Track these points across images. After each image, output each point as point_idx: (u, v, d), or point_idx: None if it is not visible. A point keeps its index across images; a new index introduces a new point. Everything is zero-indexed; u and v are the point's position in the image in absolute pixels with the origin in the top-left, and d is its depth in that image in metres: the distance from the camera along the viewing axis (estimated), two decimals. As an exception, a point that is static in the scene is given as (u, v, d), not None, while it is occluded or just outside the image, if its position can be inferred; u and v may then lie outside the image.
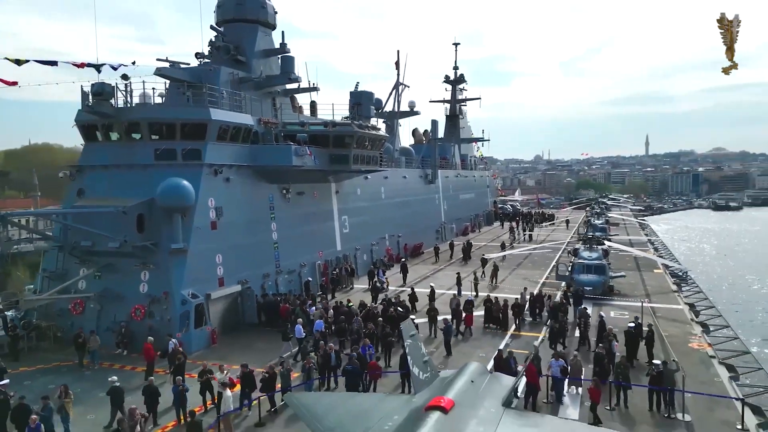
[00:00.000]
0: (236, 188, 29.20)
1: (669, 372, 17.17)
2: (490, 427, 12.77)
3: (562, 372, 17.91)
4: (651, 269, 40.68)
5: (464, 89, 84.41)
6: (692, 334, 24.82)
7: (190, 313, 24.46)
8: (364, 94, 40.68)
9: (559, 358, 18.37)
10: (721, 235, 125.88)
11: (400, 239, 48.56)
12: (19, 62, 25.08)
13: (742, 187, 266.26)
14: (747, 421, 15.92)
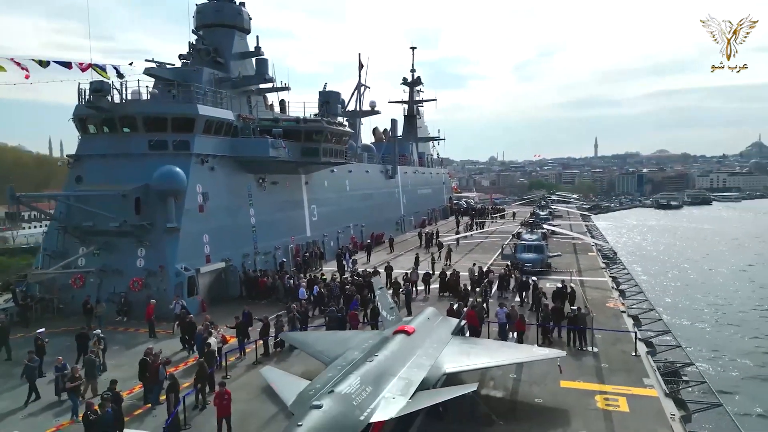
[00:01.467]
0: (220, 176, 32.74)
1: (582, 316, 21.87)
2: (441, 345, 17.09)
3: (506, 317, 22.29)
4: (586, 252, 46.01)
5: (421, 91, 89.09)
6: (610, 297, 29.79)
7: (183, 284, 27.90)
8: (331, 94, 44.77)
9: (503, 307, 22.85)
10: (659, 230, 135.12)
11: (364, 229, 52.56)
12: (42, 63, 28.01)
13: (682, 186, 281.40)
14: (639, 350, 20.67)
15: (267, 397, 17.38)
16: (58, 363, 18.05)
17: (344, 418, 11.36)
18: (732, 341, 44.97)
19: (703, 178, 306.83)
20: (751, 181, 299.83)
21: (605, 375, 18.55)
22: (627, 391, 17.03)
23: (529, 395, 17.09)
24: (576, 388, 17.47)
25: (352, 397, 11.99)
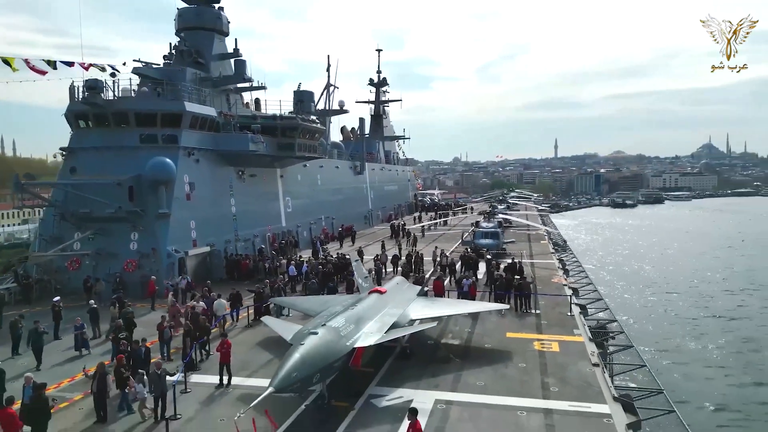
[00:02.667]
0: (204, 168, 35.59)
1: (527, 284, 25.76)
2: (408, 301, 20.68)
3: (470, 287, 25.91)
4: (539, 241, 50.29)
5: (387, 92, 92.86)
6: (556, 274, 33.85)
7: (174, 265, 30.74)
8: (305, 93, 47.96)
9: (468, 279, 26.53)
10: (611, 227, 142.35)
11: (334, 221, 55.78)
12: (50, 63, 30.42)
13: (637, 186, 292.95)
14: (573, 311, 24.61)
15: (261, 350, 20.63)
16: (77, 323, 20.87)
17: (335, 343, 14.72)
18: (653, 306, 56.85)
19: (657, 178, 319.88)
20: (701, 180, 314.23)
21: (543, 328, 22.37)
22: (559, 338, 20.85)
23: (481, 342, 20.75)
24: (519, 337, 21.20)
25: (340, 329, 15.36)
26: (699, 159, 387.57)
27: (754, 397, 33.83)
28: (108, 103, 32.54)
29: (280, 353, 18.00)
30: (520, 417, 14.28)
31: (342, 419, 14.39)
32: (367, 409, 15.04)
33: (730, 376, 37.23)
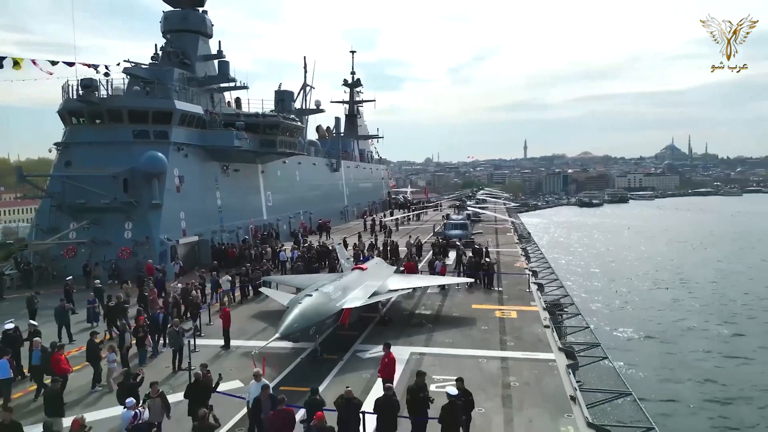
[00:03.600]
0: (192, 163, 37.86)
1: (491, 265, 28.84)
2: (386, 276, 23.50)
3: (441, 268, 28.84)
4: (505, 233, 53.67)
5: (361, 92, 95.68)
6: (518, 260, 37.08)
7: (167, 252, 33.00)
8: (286, 93, 50.48)
9: (440, 260, 29.50)
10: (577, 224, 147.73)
11: (312, 216, 58.27)
12: (53, 63, 32.37)
13: (603, 186, 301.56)
14: (531, 288, 27.77)
15: (255, 321, 23.22)
16: (89, 298, 23.16)
17: (326, 303, 17.49)
18: (603, 287, 65.36)
19: (622, 179, 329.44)
20: (664, 180, 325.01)
21: (504, 301, 25.45)
22: (518, 308, 23.92)
23: (450, 312, 23.71)
24: (483, 308, 24.20)
25: (330, 294, 18.12)
26: (662, 160, 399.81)
27: (673, 346, 42.03)
28: (102, 100, 34.59)
29: (273, 322, 20.81)
30: (481, 363, 17.21)
31: (332, 367, 17.13)
32: (353, 360, 17.82)
33: (658, 335, 45.02)
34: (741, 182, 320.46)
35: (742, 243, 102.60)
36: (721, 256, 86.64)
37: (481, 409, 13.54)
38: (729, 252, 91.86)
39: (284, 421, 10.78)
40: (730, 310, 52.93)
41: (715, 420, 29.59)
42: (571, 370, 16.40)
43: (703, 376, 35.52)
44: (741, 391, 33.00)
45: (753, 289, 61.69)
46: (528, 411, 13.70)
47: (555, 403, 14.09)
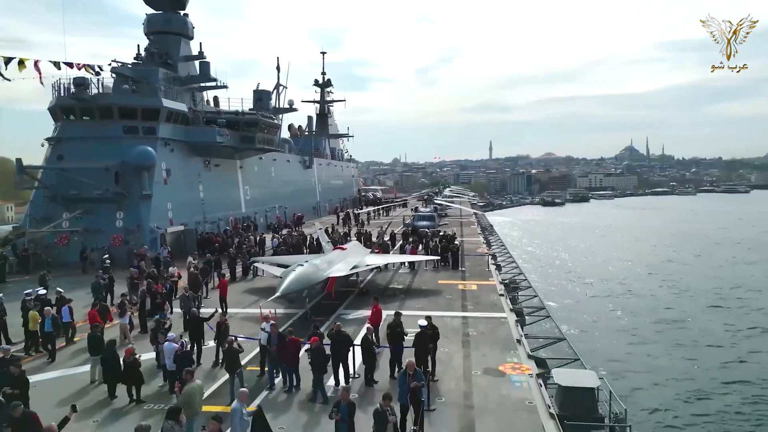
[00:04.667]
0: (178, 157, 40.34)
1: (456, 247, 32.31)
2: (364, 255, 26.72)
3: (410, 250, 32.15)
4: (469, 226, 57.47)
5: (331, 92, 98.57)
6: (480, 247, 40.74)
7: (157, 239, 35.50)
8: (263, 92, 53.17)
9: (410, 244, 32.82)
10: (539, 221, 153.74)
11: (287, 210, 60.97)
12: (56, 65, 34.43)
13: (565, 186, 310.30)
14: (490, 267, 31.35)
15: (248, 294, 26.12)
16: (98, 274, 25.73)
17: (315, 272, 20.62)
18: (553, 268, 73.87)
19: (583, 179, 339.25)
20: (623, 181, 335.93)
21: (467, 277, 28.98)
22: (478, 283, 27.43)
23: (419, 286, 27.10)
24: (448, 283, 27.64)
25: (318, 265, 21.27)
26: (621, 161, 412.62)
27: (606, 309, 50.48)
28: (94, 98, 36.83)
29: (263, 295, 23.85)
30: (446, 320, 20.54)
31: (320, 326, 20.14)
32: (337, 320, 20.95)
33: (598, 299, 55.08)
34: (695, 182, 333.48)
35: (680, 232, 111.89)
36: (651, 240, 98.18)
37: (445, 349, 16.85)
38: (660, 236, 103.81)
39: (292, 348, 13.89)
40: (660, 282, 62.72)
41: (630, 348, 38.61)
42: (519, 324, 19.89)
43: (628, 326, 44.86)
44: (652, 334, 42.29)
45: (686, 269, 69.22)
46: (482, 350, 17.10)
47: (504, 344, 17.54)
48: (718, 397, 30.21)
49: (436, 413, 12.53)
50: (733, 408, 28.79)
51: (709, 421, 27.30)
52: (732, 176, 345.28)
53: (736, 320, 45.73)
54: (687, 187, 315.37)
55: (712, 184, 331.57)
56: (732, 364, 35.31)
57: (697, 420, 27.41)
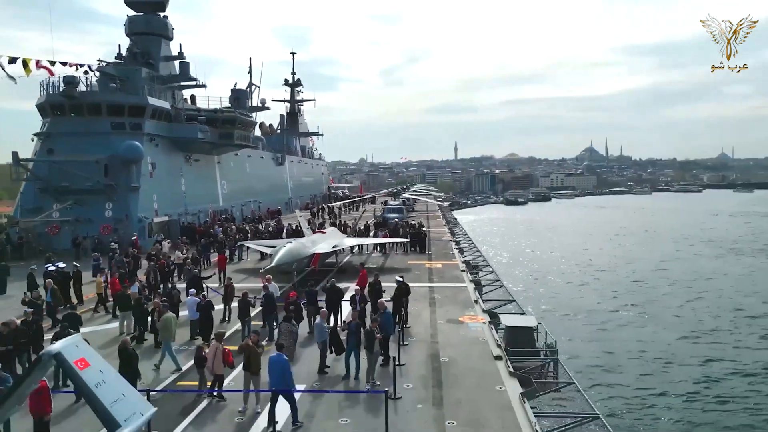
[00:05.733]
0: (162, 152, 42.76)
1: (423, 232, 35.82)
2: (342, 237, 29.95)
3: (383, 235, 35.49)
4: (435, 219, 61.23)
5: (301, 91, 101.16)
6: (445, 235, 44.40)
7: (144, 228, 37.94)
8: (240, 91, 55.81)
9: (382, 231, 36.15)
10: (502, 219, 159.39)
11: (261, 205, 63.58)
12: (52, 64, 36.40)
13: (528, 185, 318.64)
14: (454, 250, 34.94)
15: (237, 273, 28.96)
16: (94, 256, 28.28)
17: (302, 249, 23.79)
18: (512, 254, 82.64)
19: (545, 179, 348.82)
20: (583, 181, 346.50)
21: (433, 258, 32.47)
22: (443, 262, 30.95)
23: (391, 265, 30.46)
24: (416, 262, 31.08)
25: (304, 243, 24.46)
26: (582, 161, 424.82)
27: (554, 281, 60.34)
28: (83, 95, 39.01)
29: (252, 273, 26.85)
30: (415, 288, 23.70)
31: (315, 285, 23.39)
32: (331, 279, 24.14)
33: (551, 274, 64.48)
34: (651, 182, 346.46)
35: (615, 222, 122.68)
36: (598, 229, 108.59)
37: (415, 307, 20.22)
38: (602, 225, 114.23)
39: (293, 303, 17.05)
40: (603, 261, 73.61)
41: (566, 300, 48.72)
42: (477, 291, 23.44)
43: (565, 289, 55.89)
44: (585, 290, 53.44)
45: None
46: (446, 308, 20.56)
47: (464, 304, 21.04)
48: (631, 329, 41.48)
49: (409, 346, 15.87)
50: (645, 337, 39.19)
51: (628, 349, 36.57)
52: (686, 176, 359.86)
53: (649, 273, 63.23)
54: (643, 186, 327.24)
55: (667, 183, 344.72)
56: (647, 305, 48.74)
57: (612, 346, 37.30)
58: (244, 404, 11.98)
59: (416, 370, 14.07)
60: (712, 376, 31.39)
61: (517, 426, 10.82)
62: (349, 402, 12.17)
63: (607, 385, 29.96)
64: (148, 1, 48.83)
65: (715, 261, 73.59)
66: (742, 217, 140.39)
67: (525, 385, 12.57)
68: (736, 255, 78.68)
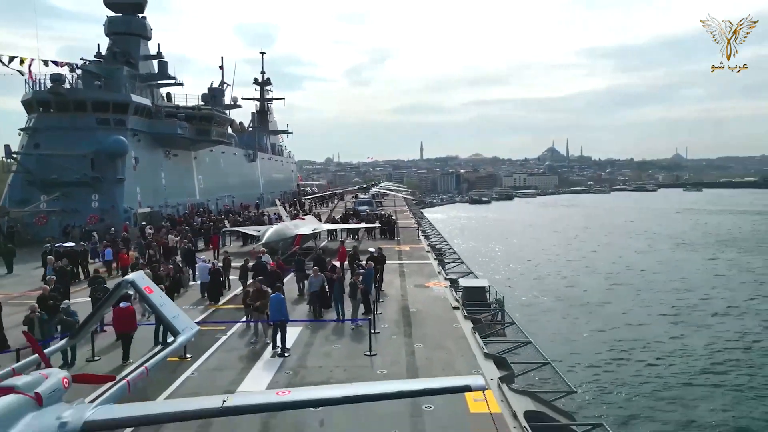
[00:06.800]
0: (144, 147, 45.03)
1: (392, 221, 39.20)
2: (320, 223, 33.06)
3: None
4: (403, 212, 64.74)
5: (270, 90, 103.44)
6: (413, 225, 47.87)
7: (130, 218, 40.26)
8: (217, 90, 58.18)
9: (353, 221, 39.33)
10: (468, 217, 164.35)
11: (234, 199, 65.94)
12: (45, 63, 38.29)
13: (492, 185, 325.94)
14: (420, 237, 38.40)
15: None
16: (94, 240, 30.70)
17: (288, 229, 26.91)
18: (476, 243, 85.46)
19: (509, 178, 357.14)
20: (545, 180, 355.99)
21: (402, 242, 35.86)
22: (410, 246, 34.37)
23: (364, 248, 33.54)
24: (386, 246, 34.15)
25: (288, 225, 27.53)
26: (544, 161, 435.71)
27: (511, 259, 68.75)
28: (69, 92, 41.06)
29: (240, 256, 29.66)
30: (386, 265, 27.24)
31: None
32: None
33: (505, 258, 71.94)
34: (610, 181, 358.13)
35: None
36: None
37: (387, 277, 23.52)
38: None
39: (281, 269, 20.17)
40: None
41: (512, 268, 56.59)
42: (441, 266, 26.92)
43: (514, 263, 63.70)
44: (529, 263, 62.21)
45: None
46: (413, 278, 23.95)
47: (429, 275, 24.49)
48: (571, 287, 50.49)
49: (384, 303, 19.19)
50: (576, 289, 48.72)
51: (564, 296, 45.38)
52: (642, 176, 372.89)
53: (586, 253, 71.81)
54: (603, 185, 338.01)
55: (624, 183, 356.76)
56: (581, 269, 60.08)
57: (550, 296, 45.47)
58: (255, 336, 15.13)
59: (391, 317, 17.39)
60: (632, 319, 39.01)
61: (468, 347, 14.20)
62: (339, 335, 15.42)
63: (544, 324, 36.25)
64: (128, 3, 50.91)
65: (637, 242, 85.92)
66: (686, 214, 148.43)
67: (476, 324, 15.99)
68: (662, 242, 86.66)
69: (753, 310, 41.28)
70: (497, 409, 10.11)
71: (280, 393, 8.14)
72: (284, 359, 13.58)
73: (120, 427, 8.10)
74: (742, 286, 50.65)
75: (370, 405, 10.29)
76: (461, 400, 10.49)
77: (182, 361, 13.40)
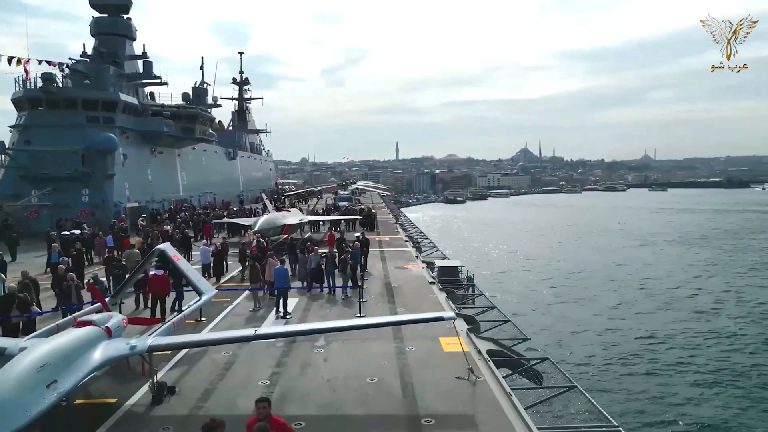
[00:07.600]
0: (131, 144, 46.65)
1: (373, 213, 41.61)
2: (304, 215, 35.32)
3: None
4: (381, 209, 67.15)
5: (249, 90, 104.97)
6: (391, 220, 50.36)
7: (120, 212, 41.90)
8: (201, 90, 59.87)
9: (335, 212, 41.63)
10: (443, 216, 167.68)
11: (216, 196, 67.56)
12: (39, 62, 39.62)
13: (466, 185, 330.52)
14: (399, 230, 40.90)
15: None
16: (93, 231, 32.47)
17: (277, 219, 29.15)
18: (456, 239, 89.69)
19: (483, 178, 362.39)
20: (518, 180, 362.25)
21: (381, 234, 38.31)
22: (390, 237, 36.82)
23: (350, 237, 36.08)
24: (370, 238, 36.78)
25: (277, 215, 29.74)
26: (517, 162, 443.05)
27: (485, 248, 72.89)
28: (60, 90, 42.53)
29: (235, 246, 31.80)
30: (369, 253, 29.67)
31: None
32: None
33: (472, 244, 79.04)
34: (581, 182, 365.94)
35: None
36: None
37: (370, 261, 25.92)
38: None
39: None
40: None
41: (481, 251, 53.40)
42: (418, 252, 29.43)
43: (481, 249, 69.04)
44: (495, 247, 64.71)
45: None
46: (393, 262, 26.44)
47: (407, 259, 27.01)
48: (537, 272, 59.32)
49: (368, 281, 21.58)
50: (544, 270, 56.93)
51: (531, 277, 52.97)
52: (612, 176, 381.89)
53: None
54: (574, 186, 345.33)
55: (595, 183, 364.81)
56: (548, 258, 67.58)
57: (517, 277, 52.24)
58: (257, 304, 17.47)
59: (375, 290, 19.87)
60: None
61: (443, 310, 16.69)
62: (332, 302, 17.86)
63: (509, 296, 42.63)
64: (113, 4, 52.36)
65: (599, 237, 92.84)
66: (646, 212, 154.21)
67: (449, 293, 18.53)
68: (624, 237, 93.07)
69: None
70: (466, 348, 12.58)
71: (296, 325, 10.49)
72: (287, 320, 15.89)
73: (176, 349, 10.38)
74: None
75: (363, 345, 12.81)
76: (436, 343, 12.98)
77: (198, 323, 15.59)
